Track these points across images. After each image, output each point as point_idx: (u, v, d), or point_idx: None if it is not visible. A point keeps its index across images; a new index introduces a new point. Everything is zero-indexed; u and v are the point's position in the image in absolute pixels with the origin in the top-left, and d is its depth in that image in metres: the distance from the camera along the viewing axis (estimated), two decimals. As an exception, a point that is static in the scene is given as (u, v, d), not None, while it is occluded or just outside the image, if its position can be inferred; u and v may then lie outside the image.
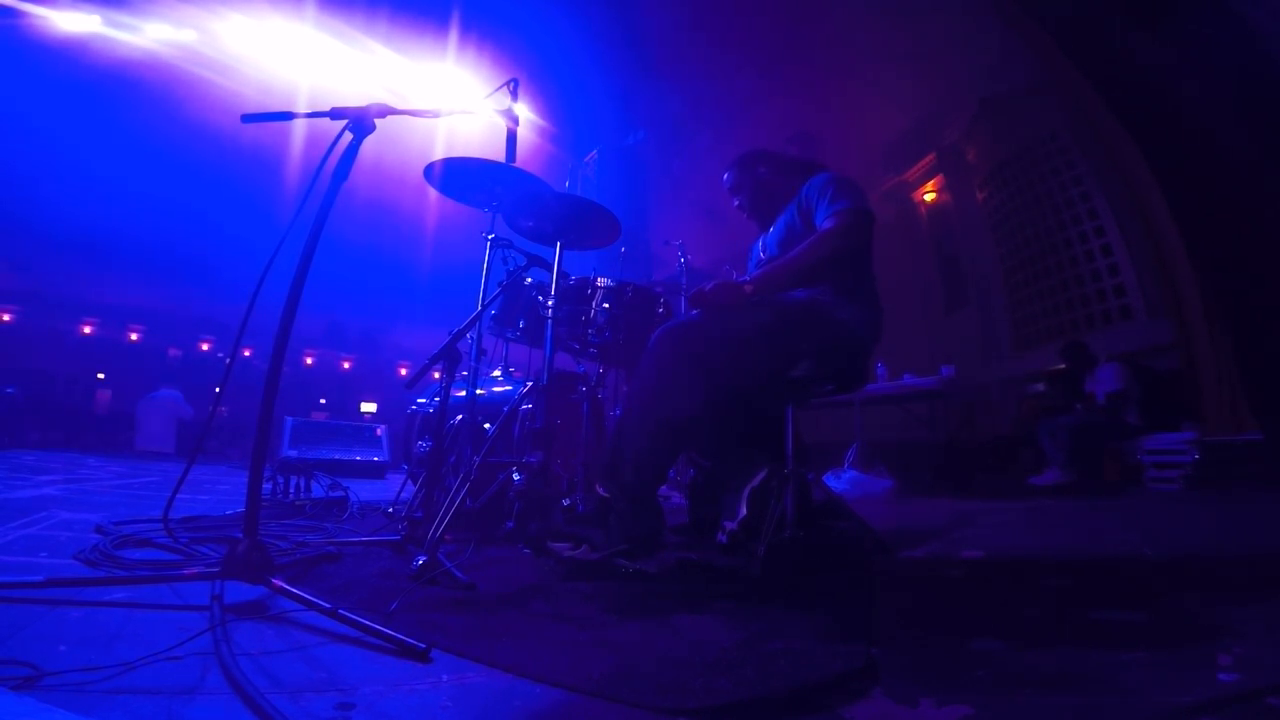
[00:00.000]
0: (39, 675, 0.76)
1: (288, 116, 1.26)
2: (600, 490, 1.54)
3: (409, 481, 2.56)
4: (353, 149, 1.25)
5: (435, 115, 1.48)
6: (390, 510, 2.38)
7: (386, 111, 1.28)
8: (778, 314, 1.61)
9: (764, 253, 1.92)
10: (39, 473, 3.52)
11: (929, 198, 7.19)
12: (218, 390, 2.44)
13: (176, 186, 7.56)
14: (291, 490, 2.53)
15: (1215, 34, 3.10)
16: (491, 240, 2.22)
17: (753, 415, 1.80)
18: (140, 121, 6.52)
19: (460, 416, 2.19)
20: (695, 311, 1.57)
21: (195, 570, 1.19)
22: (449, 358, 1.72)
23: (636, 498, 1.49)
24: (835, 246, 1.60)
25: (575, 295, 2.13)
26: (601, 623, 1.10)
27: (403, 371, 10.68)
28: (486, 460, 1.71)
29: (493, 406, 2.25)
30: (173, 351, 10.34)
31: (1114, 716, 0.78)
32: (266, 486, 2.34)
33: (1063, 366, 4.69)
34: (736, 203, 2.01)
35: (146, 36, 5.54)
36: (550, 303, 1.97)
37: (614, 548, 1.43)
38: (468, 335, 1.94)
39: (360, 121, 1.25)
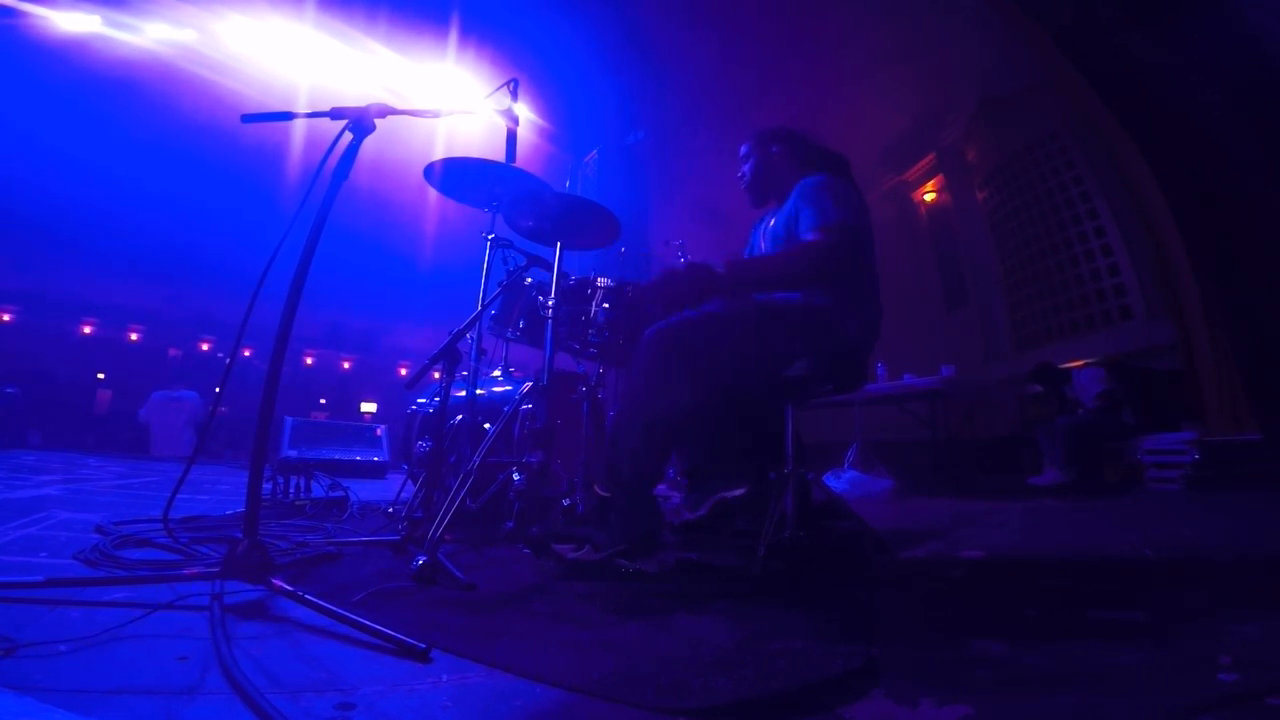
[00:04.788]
0: (14, 647, 0.80)
1: (288, 116, 1.26)
2: (600, 490, 1.54)
3: (409, 481, 2.56)
4: (353, 149, 1.25)
5: (435, 115, 1.48)
6: (390, 510, 2.38)
7: (386, 111, 1.28)
8: (772, 315, 1.60)
9: (764, 241, 1.89)
10: (39, 473, 3.52)
11: (929, 198, 7.19)
12: (218, 390, 2.45)
13: (177, 186, 7.56)
14: (291, 490, 2.52)
15: (1215, 33, 3.10)
16: (491, 240, 2.22)
17: (748, 417, 1.79)
18: (140, 121, 6.51)
19: (460, 416, 2.19)
20: (686, 310, 1.56)
21: (195, 570, 1.19)
22: (449, 358, 1.72)
23: (635, 496, 1.49)
24: (814, 264, 1.56)
25: (575, 295, 2.12)
26: (601, 623, 1.10)
27: (403, 371, 10.67)
28: (486, 460, 1.71)
29: (493, 406, 2.25)
30: (173, 351, 10.33)
31: (1114, 716, 0.78)
32: (266, 486, 2.34)
33: (1040, 389, 4.71)
34: (739, 175, 1.97)
35: (146, 36, 5.53)
36: (550, 303, 1.97)
37: (615, 548, 1.43)
38: (468, 335, 1.94)
39: (360, 121, 1.25)
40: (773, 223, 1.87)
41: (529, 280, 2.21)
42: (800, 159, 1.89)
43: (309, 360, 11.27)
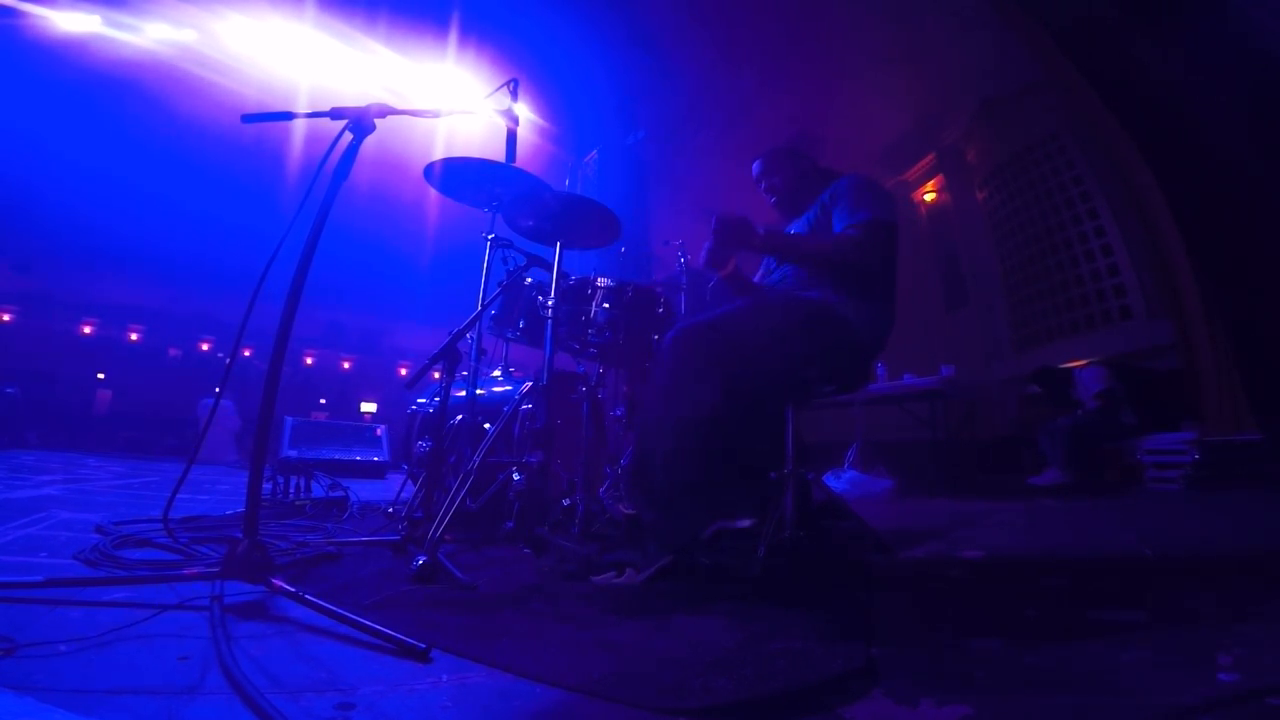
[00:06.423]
0: (14, 647, 0.81)
1: (288, 116, 1.26)
2: (625, 509, 1.52)
3: (409, 481, 2.56)
4: (353, 149, 1.25)
5: (435, 115, 1.48)
6: (390, 510, 2.38)
7: (386, 111, 1.28)
8: (788, 315, 1.60)
9: None
10: (39, 473, 3.52)
11: (929, 198, 7.19)
12: (217, 390, 2.44)
13: (177, 186, 7.56)
14: (291, 490, 2.53)
15: (1216, 34, 3.10)
16: (491, 240, 2.22)
17: (763, 418, 1.78)
18: (140, 121, 6.51)
19: (460, 416, 2.19)
20: (705, 313, 1.58)
21: (195, 570, 1.19)
22: (449, 358, 1.72)
23: (671, 503, 1.43)
24: (852, 259, 1.63)
25: (575, 295, 2.12)
26: (601, 623, 1.10)
27: (403, 371, 10.69)
28: (486, 460, 1.71)
29: (493, 406, 2.25)
30: (173, 351, 10.34)
31: (1114, 716, 0.78)
32: (266, 486, 2.34)
33: (1040, 390, 4.71)
34: (768, 189, 1.99)
35: (146, 36, 5.53)
36: (550, 303, 1.97)
37: (658, 563, 1.36)
38: (468, 335, 1.94)
39: (360, 121, 1.25)
40: (792, 227, 1.89)
41: (529, 280, 2.21)
42: (819, 174, 1.96)
43: (309, 360, 11.28)
